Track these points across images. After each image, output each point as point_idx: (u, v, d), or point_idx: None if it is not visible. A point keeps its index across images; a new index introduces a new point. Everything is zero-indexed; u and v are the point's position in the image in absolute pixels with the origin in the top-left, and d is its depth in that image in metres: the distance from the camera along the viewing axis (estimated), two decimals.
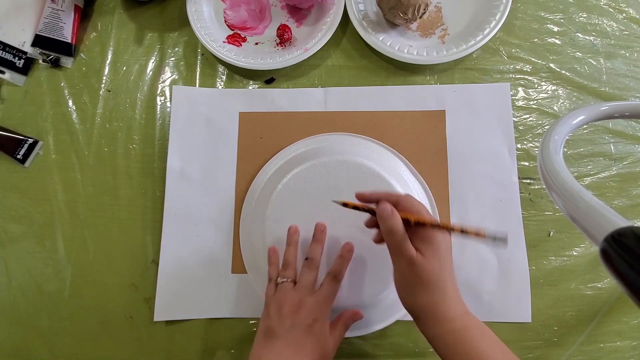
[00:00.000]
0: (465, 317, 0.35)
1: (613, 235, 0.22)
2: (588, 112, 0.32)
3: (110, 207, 0.54)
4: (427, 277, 0.34)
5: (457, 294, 0.36)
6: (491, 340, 0.34)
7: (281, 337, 0.39)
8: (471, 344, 0.33)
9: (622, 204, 0.50)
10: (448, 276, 0.35)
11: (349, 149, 0.51)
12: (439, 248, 0.35)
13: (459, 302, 0.35)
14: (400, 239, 0.35)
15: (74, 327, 0.51)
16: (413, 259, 0.34)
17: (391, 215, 0.35)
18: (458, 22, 0.55)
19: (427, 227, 0.35)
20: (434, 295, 0.34)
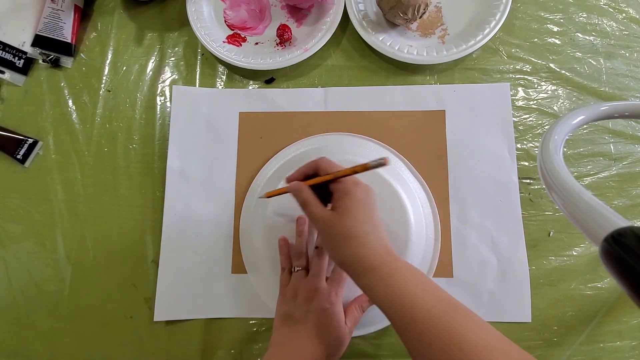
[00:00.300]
0: (391, 264, 0.34)
1: (613, 235, 0.22)
2: (588, 112, 0.32)
3: (110, 207, 0.54)
4: (343, 232, 0.35)
5: (380, 242, 0.35)
6: (419, 282, 0.33)
7: (299, 321, 0.41)
8: (399, 287, 0.33)
9: (622, 204, 0.50)
10: (368, 227, 0.35)
11: (348, 149, 0.51)
12: (354, 201, 0.35)
13: (383, 251, 0.35)
14: (312, 207, 0.37)
15: (74, 327, 0.51)
16: (326, 219, 0.36)
17: (298, 189, 0.38)
18: (458, 22, 0.55)
19: (342, 183, 0.37)
20: (354, 248, 0.35)
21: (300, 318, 0.41)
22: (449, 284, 0.49)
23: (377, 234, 0.36)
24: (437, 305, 0.32)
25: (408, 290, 0.33)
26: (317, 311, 0.41)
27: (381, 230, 0.36)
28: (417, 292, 0.32)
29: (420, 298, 0.32)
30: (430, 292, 0.33)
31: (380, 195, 0.48)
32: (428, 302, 0.32)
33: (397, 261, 0.35)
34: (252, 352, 0.50)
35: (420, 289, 0.33)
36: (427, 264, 0.49)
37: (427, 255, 0.49)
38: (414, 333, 0.31)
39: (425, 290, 0.33)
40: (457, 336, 0.29)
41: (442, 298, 0.33)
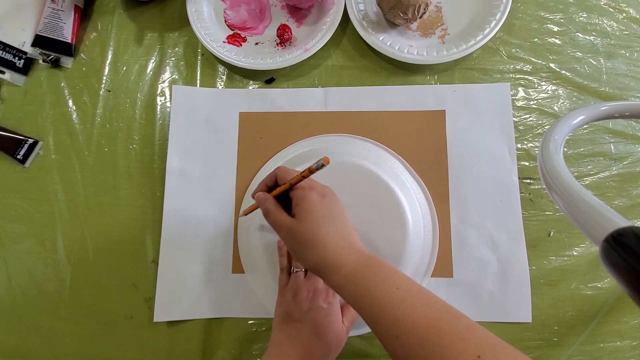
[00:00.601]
0: (357, 262, 0.34)
1: (613, 235, 0.22)
2: (588, 112, 0.32)
3: (110, 207, 0.54)
4: (304, 237, 0.35)
5: (344, 242, 0.36)
6: (386, 278, 0.33)
7: (298, 320, 0.42)
8: (365, 285, 0.33)
9: (623, 204, 0.50)
10: (328, 229, 0.35)
11: (348, 150, 0.51)
12: (311, 205, 0.36)
13: (347, 251, 0.35)
14: (274, 215, 0.38)
15: (74, 327, 0.51)
16: (288, 226, 0.36)
17: (261, 199, 0.39)
18: (458, 22, 0.55)
19: (298, 189, 0.37)
20: (318, 250, 0.35)
21: (299, 318, 0.42)
22: (449, 284, 0.49)
23: (339, 235, 0.36)
24: (404, 300, 0.31)
25: (374, 288, 0.33)
26: (315, 311, 0.42)
27: (345, 230, 0.36)
28: (384, 290, 0.32)
29: (386, 295, 0.32)
30: (398, 287, 0.32)
31: (377, 195, 0.48)
32: (395, 298, 0.32)
33: (364, 258, 0.35)
34: (252, 352, 0.50)
35: (387, 285, 0.33)
36: (425, 265, 0.49)
37: (425, 255, 0.49)
38: (383, 329, 0.31)
39: (392, 286, 0.32)
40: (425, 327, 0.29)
41: (411, 292, 0.32)
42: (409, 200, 0.49)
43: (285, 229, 0.36)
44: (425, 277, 0.49)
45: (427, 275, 0.49)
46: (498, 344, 0.28)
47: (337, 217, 0.36)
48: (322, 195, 0.37)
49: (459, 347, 0.28)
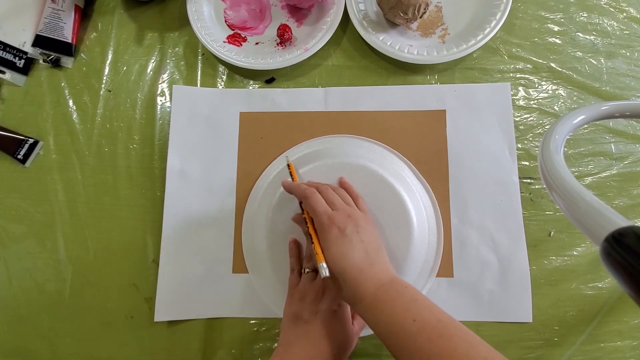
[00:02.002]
0: (376, 294, 0.36)
1: (614, 235, 0.22)
2: (588, 112, 0.32)
3: (110, 207, 0.54)
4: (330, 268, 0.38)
5: (363, 276, 0.37)
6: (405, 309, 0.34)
7: (308, 321, 0.42)
8: (384, 317, 0.34)
9: (623, 204, 0.50)
10: (346, 264, 0.37)
11: (352, 151, 0.51)
12: (329, 244, 0.38)
13: (367, 284, 0.36)
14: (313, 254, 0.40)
15: (75, 327, 0.51)
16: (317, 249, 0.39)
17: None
18: (458, 21, 0.55)
19: (320, 224, 0.39)
20: (337, 284, 0.38)
21: (309, 319, 0.42)
22: (449, 283, 0.49)
23: (357, 268, 0.37)
24: (421, 332, 0.32)
25: (392, 320, 0.34)
26: (325, 312, 0.42)
27: (365, 261, 0.37)
28: (401, 321, 0.33)
29: (404, 327, 0.33)
30: (415, 319, 0.33)
31: (382, 197, 0.48)
32: (412, 330, 0.33)
33: (383, 289, 0.36)
34: (253, 352, 0.50)
35: (404, 317, 0.33)
36: (429, 266, 0.49)
37: (430, 257, 0.49)
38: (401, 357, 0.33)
39: (409, 318, 0.33)
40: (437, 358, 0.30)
41: (428, 325, 0.33)
42: (414, 202, 0.49)
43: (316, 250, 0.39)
44: (429, 278, 0.49)
45: (432, 276, 0.49)
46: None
47: (355, 252, 0.37)
48: (343, 230, 0.38)
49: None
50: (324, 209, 0.39)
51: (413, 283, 0.48)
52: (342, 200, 0.42)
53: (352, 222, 0.39)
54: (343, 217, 0.39)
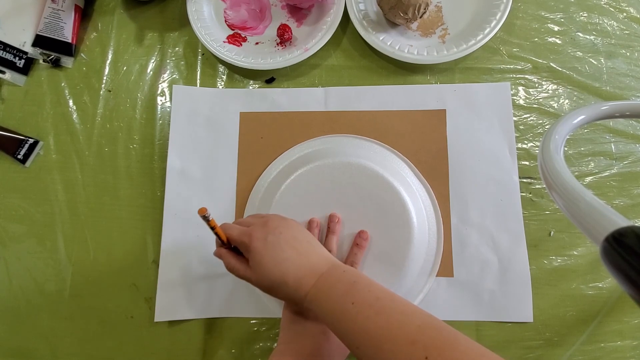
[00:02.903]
0: (315, 286, 0.36)
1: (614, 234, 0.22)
2: (589, 112, 0.32)
3: (110, 207, 0.54)
4: (263, 284, 0.38)
5: (300, 272, 0.37)
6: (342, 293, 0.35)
7: (309, 320, 0.42)
8: (324, 306, 0.35)
9: (623, 204, 0.50)
10: (280, 269, 0.37)
11: (352, 151, 0.51)
12: (258, 256, 0.38)
13: (305, 279, 0.37)
14: (236, 270, 0.40)
15: (75, 327, 0.51)
16: (249, 278, 0.39)
17: (221, 256, 0.42)
18: (458, 21, 0.55)
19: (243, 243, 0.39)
20: (280, 290, 0.38)
21: (309, 317, 0.42)
22: (449, 283, 0.49)
23: (293, 267, 0.37)
24: (359, 313, 0.33)
25: (332, 308, 0.34)
26: None
27: (298, 258, 0.38)
28: (340, 307, 0.34)
29: (344, 312, 0.34)
30: (353, 302, 0.34)
31: (383, 197, 0.48)
32: (351, 312, 0.33)
33: (322, 280, 0.36)
34: (253, 352, 0.50)
35: (342, 302, 0.34)
36: (429, 266, 0.49)
37: (430, 257, 0.49)
38: (347, 342, 0.34)
39: (347, 302, 0.34)
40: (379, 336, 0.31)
41: (366, 304, 0.33)
42: (414, 201, 0.49)
43: (248, 279, 0.39)
44: (429, 278, 0.49)
45: (432, 275, 0.49)
46: (447, 343, 0.29)
47: (286, 252, 0.38)
48: (264, 239, 0.38)
49: (408, 351, 0.29)
50: (239, 230, 0.40)
51: (413, 283, 0.48)
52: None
53: (269, 229, 0.39)
54: (259, 228, 0.39)
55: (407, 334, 0.30)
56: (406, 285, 0.48)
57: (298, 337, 0.42)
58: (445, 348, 0.28)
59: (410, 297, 0.48)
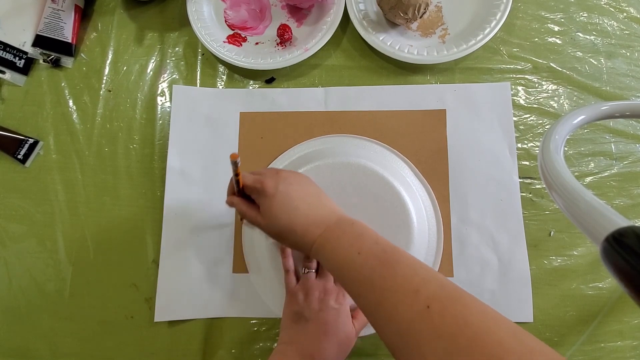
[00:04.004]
0: (323, 235, 0.36)
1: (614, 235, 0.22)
2: (589, 112, 0.32)
3: (110, 207, 0.54)
4: (274, 231, 0.38)
5: (308, 220, 0.37)
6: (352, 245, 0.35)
7: (311, 319, 0.42)
8: (333, 255, 0.35)
9: (623, 204, 0.50)
10: (289, 216, 0.38)
11: (353, 151, 0.51)
12: (267, 204, 0.38)
13: (313, 227, 0.37)
14: (247, 215, 0.40)
15: (75, 327, 0.51)
16: (259, 223, 0.39)
17: (233, 203, 0.42)
18: (458, 21, 0.55)
19: (254, 191, 0.40)
20: (289, 237, 0.38)
21: (310, 317, 0.42)
22: None
23: (302, 216, 0.38)
24: (365, 263, 0.33)
25: (338, 255, 0.35)
26: (326, 311, 0.42)
27: (307, 209, 0.38)
28: (346, 256, 0.34)
29: (350, 261, 0.34)
30: (359, 252, 0.34)
31: (382, 197, 0.48)
32: (356, 262, 0.33)
33: (330, 230, 0.37)
34: (253, 352, 0.50)
35: (349, 251, 0.34)
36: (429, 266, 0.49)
37: (430, 256, 0.49)
38: (349, 288, 0.34)
39: (354, 252, 0.34)
40: (381, 286, 0.31)
41: (373, 255, 0.34)
42: (414, 201, 0.49)
43: (258, 225, 0.40)
44: None
45: None
46: (451, 296, 0.29)
47: (295, 202, 0.38)
48: (275, 187, 0.38)
49: (410, 301, 0.29)
50: (252, 178, 0.40)
51: None
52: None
53: (281, 178, 0.39)
54: (271, 177, 0.39)
55: (411, 284, 0.30)
56: None
57: (298, 336, 0.42)
58: (448, 300, 0.28)
59: None
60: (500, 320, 0.26)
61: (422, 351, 0.26)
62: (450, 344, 0.25)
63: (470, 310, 0.27)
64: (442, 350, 0.25)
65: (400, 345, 0.29)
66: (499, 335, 0.25)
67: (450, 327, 0.26)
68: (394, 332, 0.29)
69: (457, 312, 0.27)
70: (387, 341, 0.30)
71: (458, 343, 0.25)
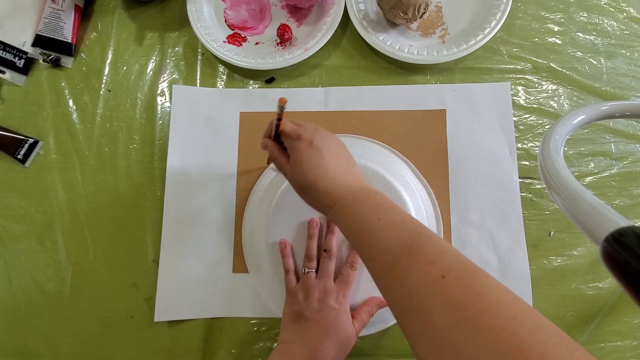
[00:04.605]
0: (345, 199, 0.36)
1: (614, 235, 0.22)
2: (588, 112, 0.32)
3: (110, 207, 0.54)
4: (299, 183, 0.39)
5: (334, 183, 0.38)
6: (375, 211, 0.35)
7: (310, 319, 0.42)
8: (350, 218, 0.36)
9: (623, 204, 0.50)
10: (317, 174, 0.38)
11: (353, 150, 0.51)
12: (298, 155, 0.38)
13: (337, 190, 0.37)
14: (277, 160, 0.41)
15: (75, 327, 0.51)
16: (286, 172, 0.40)
17: (266, 145, 0.42)
18: (458, 21, 0.55)
19: (289, 140, 0.40)
20: (311, 193, 0.38)
21: (310, 317, 0.42)
22: None
23: (330, 177, 0.38)
24: (383, 228, 0.33)
25: (358, 220, 0.35)
26: (326, 311, 0.43)
27: (335, 170, 0.38)
28: (366, 221, 0.34)
29: (368, 225, 0.34)
30: (379, 218, 0.34)
31: None
32: (375, 227, 0.34)
33: (353, 195, 0.37)
34: (253, 352, 0.50)
35: (369, 217, 0.34)
36: None
37: None
38: (363, 252, 0.34)
39: (374, 218, 0.34)
40: (397, 250, 0.31)
41: (392, 222, 0.34)
42: (414, 201, 0.49)
43: (285, 174, 0.40)
44: None
45: None
46: (466, 269, 0.28)
47: (325, 161, 0.38)
48: (310, 143, 0.38)
49: (425, 269, 0.29)
50: (292, 127, 0.40)
51: None
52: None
53: (318, 134, 0.39)
54: (309, 130, 0.40)
55: (427, 254, 0.30)
56: None
57: (298, 336, 0.42)
58: (463, 273, 0.28)
59: None
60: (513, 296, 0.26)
61: (431, 318, 0.26)
62: (462, 313, 0.25)
63: (485, 284, 0.27)
64: (452, 319, 0.25)
65: (409, 310, 0.28)
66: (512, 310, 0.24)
67: (464, 296, 0.26)
68: (403, 296, 0.29)
69: (472, 284, 0.27)
70: (393, 305, 0.31)
71: (469, 313, 0.25)
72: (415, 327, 0.28)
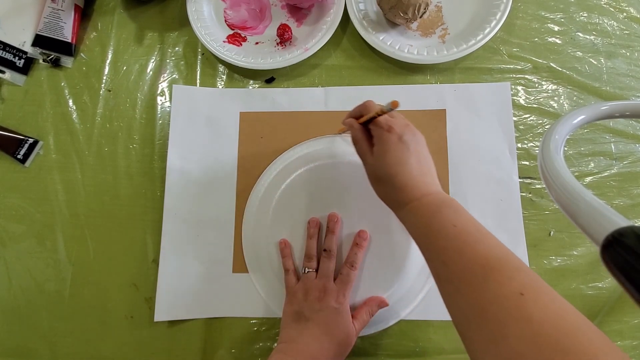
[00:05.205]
0: (420, 200, 0.37)
1: (614, 235, 0.22)
2: (588, 112, 0.32)
3: (110, 207, 0.54)
4: (378, 174, 0.39)
5: (412, 183, 0.38)
6: (446, 215, 0.35)
7: (311, 318, 0.43)
8: (423, 220, 0.36)
9: (623, 204, 0.50)
10: (397, 169, 0.38)
11: (352, 151, 0.51)
12: (385, 147, 0.38)
13: (414, 191, 0.37)
14: (359, 144, 0.41)
15: (75, 327, 0.51)
16: (367, 160, 0.40)
17: (351, 126, 0.42)
18: (458, 21, 0.55)
19: (378, 129, 0.40)
20: (386, 187, 0.39)
21: (310, 316, 0.43)
22: None
23: (408, 175, 0.38)
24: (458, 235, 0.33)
25: (431, 223, 0.35)
26: (326, 310, 0.43)
27: (415, 171, 0.38)
28: (440, 225, 0.34)
29: (442, 229, 0.34)
30: (455, 225, 0.34)
31: None
32: (449, 232, 0.34)
33: (428, 198, 0.37)
34: (253, 351, 0.50)
35: (444, 222, 0.34)
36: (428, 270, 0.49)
37: None
38: (432, 255, 0.34)
39: (449, 223, 0.34)
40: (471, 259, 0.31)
41: (466, 231, 0.33)
42: None
43: (364, 160, 0.41)
44: (429, 278, 0.49)
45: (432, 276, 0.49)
46: (543, 288, 0.28)
47: (411, 158, 0.38)
48: (399, 138, 0.38)
49: (502, 282, 0.28)
50: (385, 117, 0.40)
51: (412, 283, 0.48)
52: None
53: (409, 130, 0.39)
54: (401, 125, 0.39)
55: (503, 268, 0.30)
56: (406, 285, 0.48)
57: (299, 336, 0.42)
58: (541, 291, 0.28)
59: (410, 297, 0.48)
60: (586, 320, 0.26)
61: (505, 330, 0.26)
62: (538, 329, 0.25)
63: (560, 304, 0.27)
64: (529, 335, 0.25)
65: (478, 320, 0.28)
66: (590, 333, 0.25)
67: (542, 314, 0.26)
68: (475, 304, 0.29)
69: (549, 302, 0.27)
70: (459, 311, 0.30)
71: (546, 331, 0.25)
72: (484, 335, 0.28)
